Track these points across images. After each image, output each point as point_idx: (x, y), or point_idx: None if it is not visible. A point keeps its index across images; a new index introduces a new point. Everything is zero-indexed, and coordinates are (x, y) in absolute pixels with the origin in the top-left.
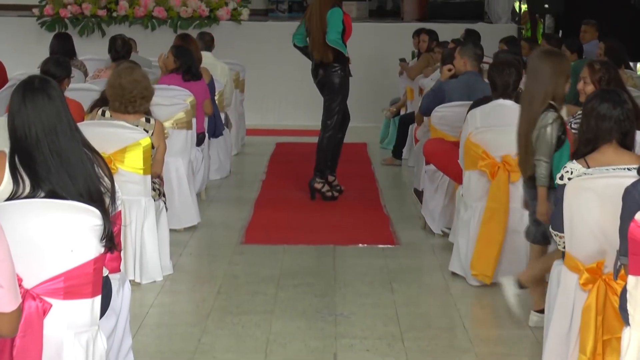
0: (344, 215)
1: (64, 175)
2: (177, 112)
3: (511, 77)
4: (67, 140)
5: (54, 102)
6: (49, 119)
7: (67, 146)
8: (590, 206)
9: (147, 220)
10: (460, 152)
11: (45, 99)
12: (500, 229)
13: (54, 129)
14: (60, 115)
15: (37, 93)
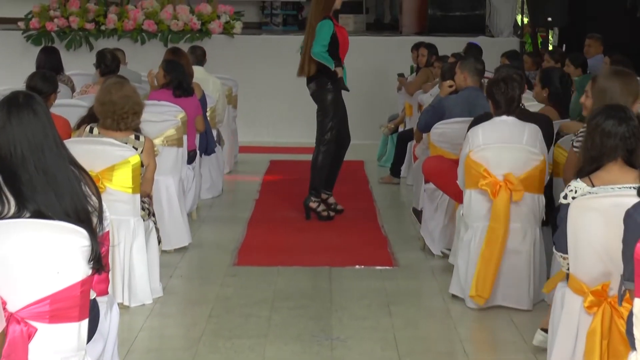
0: (341, 236)
1: (51, 193)
2: (168, 128)
3: (515, 91)
4: (53, 157)
5: (40, 118)
6: (35, 136)
7: (54, 163)
8: (595, 226)
9: (136, 240)
10: (460, 170)
11: (30, 114)
12: (499, 249)
13: (40, 146)
14: (46, 131)
15: (23, 109)
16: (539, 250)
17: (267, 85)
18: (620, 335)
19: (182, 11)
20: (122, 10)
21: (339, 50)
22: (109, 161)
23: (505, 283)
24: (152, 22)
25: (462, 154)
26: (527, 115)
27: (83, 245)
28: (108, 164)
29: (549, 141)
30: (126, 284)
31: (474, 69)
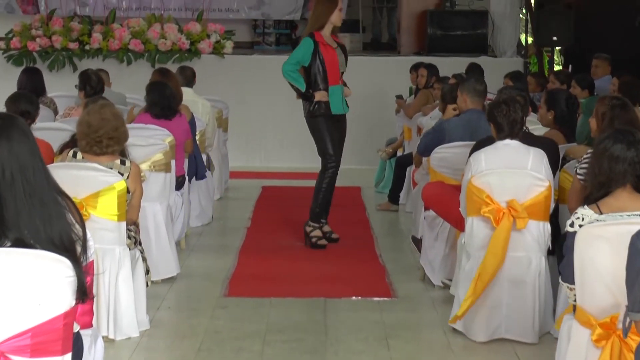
0: (336, 266)
1: (36, 218)
2: (155, 153)
3: (517, 113)
4: (41, 179)
5: (29, 138)
6: (24, 157)
7: (41, 186)
8: (603, 256)
9: (121, 271)
10: (462, 196)
11: (21, 135)
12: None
13: (29, 168)
14: (34, 153)
15: (10, 129)
16: (544, 281)
17: (259, 108)
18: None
19: (170, 30)
20: (107, 29)
21: (327, 73)
22: (93, 187)
23: (509, 315)
24: (139, 42)
25: (464, 180)
26: (532, 139)
27: (66, 276)
28: (92, 190)
29: (555, 166)
30: (111, 316)
31: (473, 91)
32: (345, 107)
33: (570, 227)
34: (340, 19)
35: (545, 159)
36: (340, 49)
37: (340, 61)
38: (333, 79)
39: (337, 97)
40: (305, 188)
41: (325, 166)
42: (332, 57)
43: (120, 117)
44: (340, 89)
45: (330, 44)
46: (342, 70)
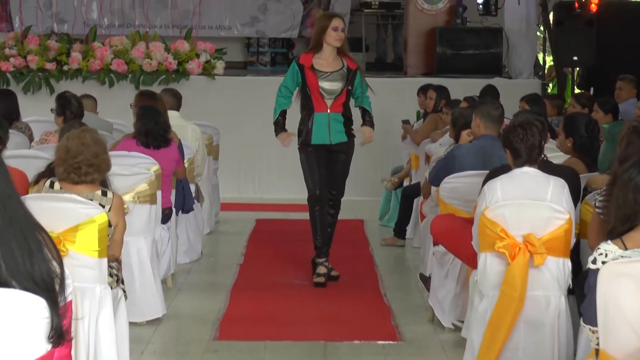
0: (337, 306)
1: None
2: (139, 183)
3: (535, 137)
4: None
5: (2, 165)
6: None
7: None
8: (628, 295)
9: (102, 311)
10: (474, 230)
11: None
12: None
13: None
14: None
15: None
16: (564, 323)
17: (253, 134)
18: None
19: (155, 49)
20: (88, 48)
21: (311, 98)
22: (71, 220)
23: (527, 359)
24: (122, 62)
25: (477, 212)
26: (551, 168)
27: (42, 317)
28: (71, 224)
29: (576, 197)
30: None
31: (487, 115)
32: (336, 136)
33: (593, 264)
34: (335, 39)
35: (566, 189)
36: (340, 73)
37: (333, 87)
38: (319, 105)
39: (320, 125)
40: (303, 221)
41: (308, 200)
42: (313, 82)
43: (101, 144)
44: (325, 117)
45: (323, 68)
46: (333, 95)
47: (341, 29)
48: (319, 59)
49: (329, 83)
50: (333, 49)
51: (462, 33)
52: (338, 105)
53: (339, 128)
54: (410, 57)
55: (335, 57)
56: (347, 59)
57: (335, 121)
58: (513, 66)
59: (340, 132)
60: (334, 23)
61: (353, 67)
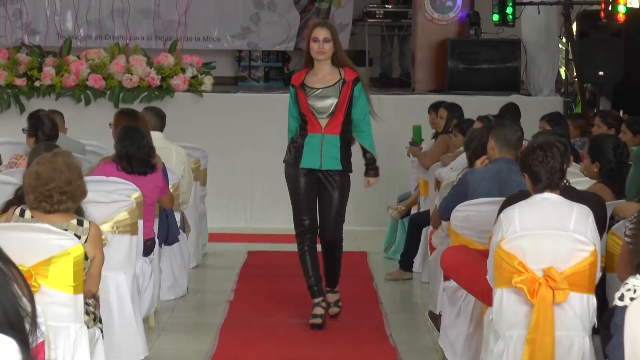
0: (337, 349)
1: None
2: (119, 211)
3: (556, 160)
4: None
5: None
6: None
7: None
8: None
9: (77, 353)
10: (489, 264)
11: None
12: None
13: None
14: None
15: None
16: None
17: (244, 157)
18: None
19: (137, 63)
20: (62, 62)
21: (306, 119)
22: (44, 253)
23: None
24: (99, 77)
25: (492, 243)
26: (574, 194)
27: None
28: (43, 257)
29: (602, 227)
30: None
31: (503, 137)
32: (329, 162)
33: (620, 300)
34: (317, 52)
35: (591, 218)
36: (333, 88)
37: (324, 104)
38: (313, 126)
39: (312, 147)
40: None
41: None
42: (303, 101)
43: (75, 169)
44: (318, 139)
45: (314, 85)
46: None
47: (323, 39)
48: (312, 75)
49: (319, 100)
50: (325, 62)
51: (476, 45)
52: (334, 126)
53: (334, 153)
54: (418, 72)
55: (330, 70)
56: (346, 69)
57: (330, 144)
58: (532, 82)
59: (334, 159)
60: (314, 33)
61: (350, 77)
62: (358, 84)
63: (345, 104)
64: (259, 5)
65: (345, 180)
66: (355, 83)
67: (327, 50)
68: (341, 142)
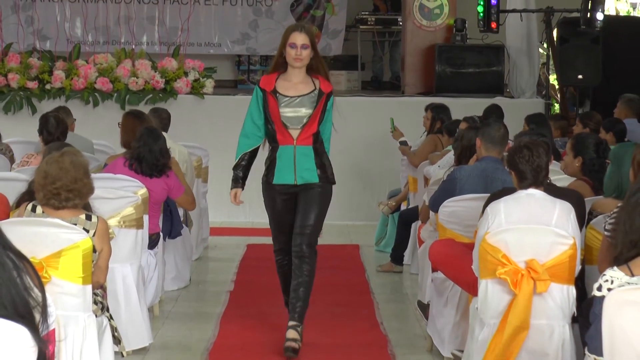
0: (332, 335)
1: None
2: (125, 207)
3: (542, 158)
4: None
5: None
6: None
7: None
8: (635, 324)
9: (86, 341)
10: (475, 256)
11: None
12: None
13: None
14: None
15: None
16: (568, 352)
17: None
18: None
19: (142, 67)
20: (71, 66)
21: (275, 129)
22: (54, 246)
23: None
24: (107, 80)
25: (477, 236)
26: (555, 191)
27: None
28: (54, 250)
29: (581, 222)
30: None
31: (487, 135)
32: (304, 175)
33: (598, 291)
34: (293, 58)
35: (572, 214)
36: (309, 97)
37: (298, 115)
38: (283, 137)
39: (284, 161)
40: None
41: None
42: (274, 109)
43: (81, 167)
44: (291, 151)
45: (287, 92)
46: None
47: (302, 45)
48: (285, 81)
49: (292, 110)
50: (301, 70)
51: (462, 50)
52: (307, 136)
53: (308, 165)
54: (408, 76)
55: (304, 78)
56: (321, 79)
57: (303, 156)
58: (515, 85)
59: (310, 171)
60: (291, 38)
61: (327, 90)
62: (331, 99)
63: (319, 115)
64: (258, 13)
65: (325, 192)
66: (329, 97)
67: (305, 57)
68: (315, 152)
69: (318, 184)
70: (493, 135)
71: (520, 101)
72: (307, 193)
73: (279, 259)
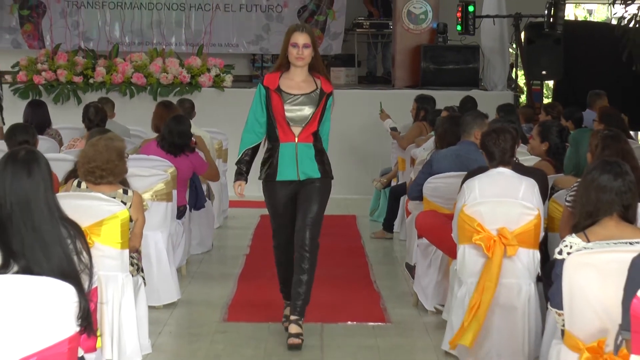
0: (332, 292)
1: (38, 252)
2: (157, 183)
3: (507, 142)
4: (42, 218)
5: (34, 177)
6: (25, 194)
7: (43, 224)
8: (591, 283)
9: (124, 297)
10: (454, 225)
11: (24, 172)
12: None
13: (29, 205)
14: (37, 191)
15: (19, 166)
16: (534, 307)
17: None
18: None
19: (171, 64)
20: (111, 63)
21: (276, 126)
22: (97, 216)
23: (500, 339)
24: (141, 75)
25: (456, 208)
26: (523, 170)
27: (71, 302)
28: (96, 219)
29: (544, 196)
30: (115, 340)
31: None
32: (306, 171)
33: (559, 254)
34: (295, 57)
35: (536, 189)
36: (311, 96)
37: (301, 113)
38: (285, 134)
39: (286, 158)
40: None
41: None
42: (278, 106)
43: (114, 151)
44: (292, 149)
45: (291, 90)
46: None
47: (303, 45)
48: (287, 80)
49: (296, 108)
50: (303, 68)
51: (443, 50)
52: (308, 134)
53: (310, 162)
54: (397, 71)
55: (306, 77)
56: (322, 79)
57: (305, 153)
58: (489, 80)
59: (312, 167)
60: (292, 38)
61: (327, 89)
62: (330, 99)
63: (319, 114)
64: (269, 18)
65: (325, 186)
66: (329, 97)
67: (307, 56)
68: (315, 149)
69: (319, 179)
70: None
71: (493, 93)
72: (308, 188)
73: (277, 252)
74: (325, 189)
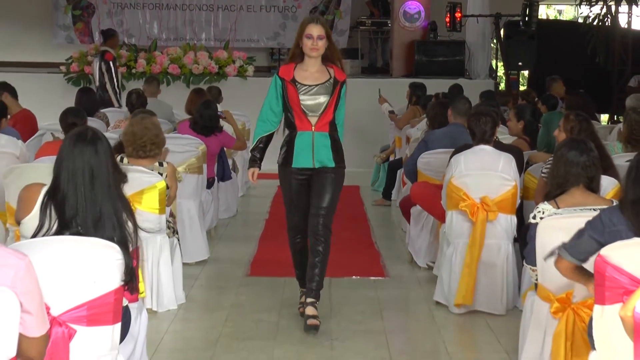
0: (339, 251)
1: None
2: (190, 158)
3: (487, 125)
4: (103, 193)
5: (99, 156)
6: (91, 170)
7: (102, 198)
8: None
9: (162, 255)
10: (443, 194)
11: (92, 151)
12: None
13: (92, 181)
14: (101, 169)
15: (87, 145)
16: (511, 264)
17: None
18: (582, 337)
19: (202, 57)
20: (150, 56)
21: (293, 116)
22: (138, 186)
23: (482, 291)
24: (176, 66)
25: (445, 180)
26: (502, 147)
27: (117, 259)
28: (138, 189)
29: (520, 169)
30: (154, 292)
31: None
32: (321, 159)
33: (533, 219)
34: (310, 48)
35: (513, 163)
36: (325, 86)
37: (316, 102)
38: (302, 123)
39: (303, 146)
40: None
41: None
42: (294, 97)
43: (158, 126)
44: (309, 137)
45: (306, 81)
46: (317, 112)
47: (317, 36)
48: (302, 70)
49: (311, 98)
50: (317, 59)
51: (434, 45)
52: (324, 123)
53: (325, 150)
54: (395, 63)
55: (320, 67)
56: (335, 69)
57: (321, 142)
58: (473, 70)
59: (327, 156)
60: (307, 30)
61: (341, 78)
62: (344, 87)
63: (334, 102)
64: (286, 17)
65: (339, 175)
66: (343, 85)
67: (321, 47)
68: (331, 139)
69: (333, 167)
70: (460, 107)
71: (476, 81)
72: (322, 176)
73: (291, 236)
74: (338, 178)
